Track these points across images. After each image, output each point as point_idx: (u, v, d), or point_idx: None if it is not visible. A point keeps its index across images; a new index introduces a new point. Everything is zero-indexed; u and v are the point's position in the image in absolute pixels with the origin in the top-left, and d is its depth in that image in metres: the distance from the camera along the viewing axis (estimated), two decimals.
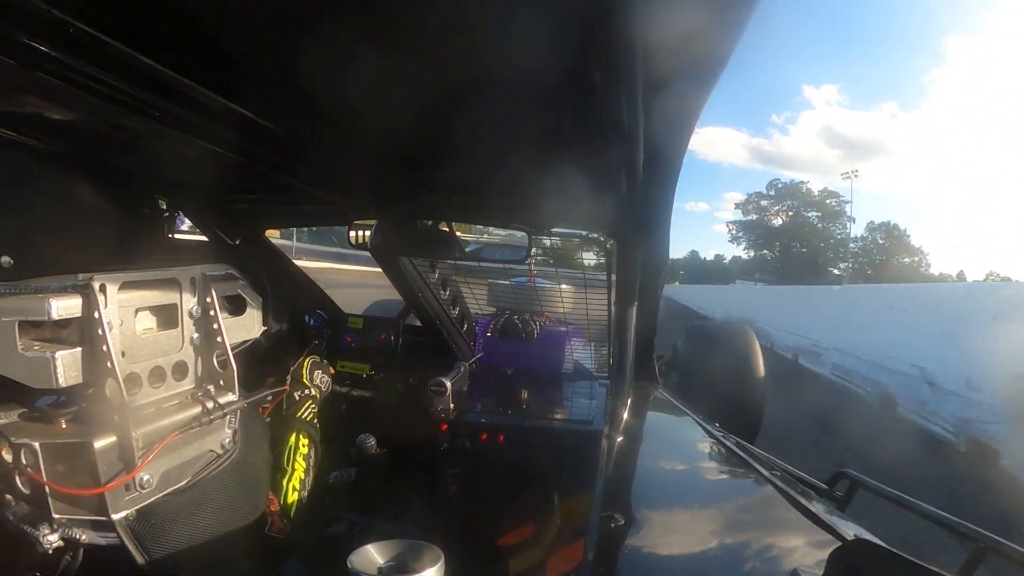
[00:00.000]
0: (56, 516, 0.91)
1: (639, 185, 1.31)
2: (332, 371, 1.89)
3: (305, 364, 1.77)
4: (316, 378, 1.78)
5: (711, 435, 1.51)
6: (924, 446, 5.74)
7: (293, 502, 1.53)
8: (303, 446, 1.59)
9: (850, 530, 0.96)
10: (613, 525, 0.96)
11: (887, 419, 6.96)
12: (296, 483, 1.55)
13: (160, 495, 1.00)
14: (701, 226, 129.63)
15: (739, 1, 0.74)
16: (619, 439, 1.45)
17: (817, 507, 1.07)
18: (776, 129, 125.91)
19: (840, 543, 0.87)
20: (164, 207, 1.72)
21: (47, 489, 0.90)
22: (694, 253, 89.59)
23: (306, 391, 1.72)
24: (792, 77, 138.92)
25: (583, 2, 0.74)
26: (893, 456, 4.41)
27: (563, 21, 0.78)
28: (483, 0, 0.76)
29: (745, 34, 0.76)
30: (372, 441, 1.88)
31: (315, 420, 1.70)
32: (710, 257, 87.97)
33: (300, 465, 1.57)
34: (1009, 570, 0.98)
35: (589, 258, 2.28)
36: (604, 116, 1.03)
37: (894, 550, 0.75)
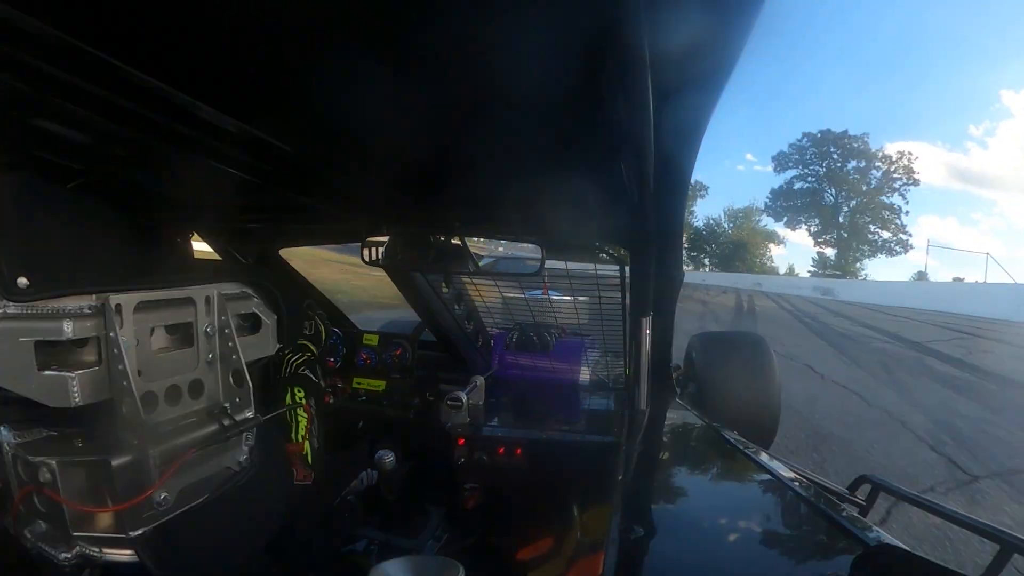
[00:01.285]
0: (74, 534, 0.92)
1: (651, 195, 1.31)
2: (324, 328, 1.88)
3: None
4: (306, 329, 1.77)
5: (729, 443, 1.50)
6: None
7: (308, 451, 1.54)
8: (300, 399, 1.59)
9: (873, 535, 0.95)
10: (633, 537, 0.95)
11: None
12: (303, 431, 1.56)
13: (177, 512, 1.00)
14: None
15: (742, 9, 0.74)
16: (637, 450, 1.44)
17: (839, 513, 1.05)
18: (974, 143, 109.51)
19: (863, 549, 0.86)
20: (179, 227, 1.75)
21: (65, 507, 0.90)
22: None
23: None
24: (985, 81, 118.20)
25: (591, 15, 0.74)
26: None
27: (571, 34, 0.78)
28: (491, 16, 0.76)
29: (751, 41, 0.76)
30: (391, 457, 1.88)
31: (306, 371, 1.68)
32: None
33: (302, 416, 1.57)
34: None
35: (603, 269, 2.27)
36: (614, 127, 1.03)
37: (918, 554, 0.74)
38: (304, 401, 1.60)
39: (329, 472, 1.68)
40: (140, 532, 0.94)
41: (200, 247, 2.05)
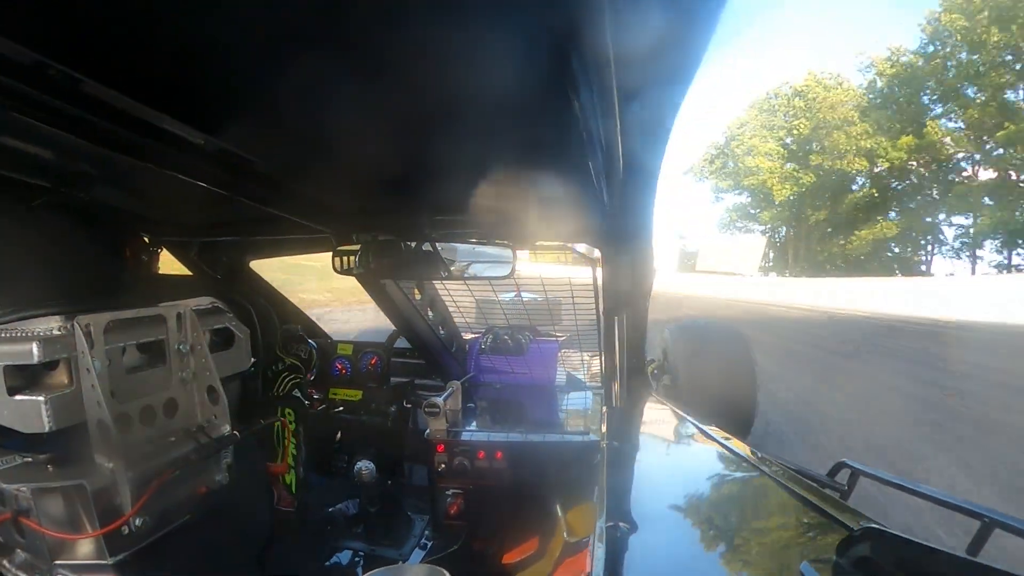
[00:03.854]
0: (54, 562, 0.90)
1: (620, 195, 1.33)
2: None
3: (278, 338, 1.76)
4: (292, 349, 1.77)
5: (708, 435, 1.52)
6: None
7: (292, 480, 1.53)
8: (290, 422, 1.59)
9: (856, 519, 0.97)
10: (618, 533, 0.95)
11: None
12: (290, 459, 1.55)
13: (158, 535, 0.98)
14: None
15: (704, 10, 0.75)
16: (617, 446, 1.45)
17: (820, 499, 1.07)
18: None
19: (847, 533, 0.88)
20: (147, 243, 1.72)
21: (43, 535, 0.88)
22: None
23: (280, 364, 1.71)
24: None
25: (554, 17, 0.75)
26: None
27: (535, 39, 0.79)
28: (454, 20, 0.76)
29: (713, 42, 0.78)
30: (370, 467, 1.87)
31: (297, 392, 1.68)
32: None
33: (290, 441, 1.57)
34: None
35: (575, 269, 2.28)
36: (581, 128, 1.04)
37: (902, 535, 0.76)
38: (293, 425, 1.59)
39: (312, 487, 1.67)
40: (120, 557, 0.92)
41: (169, 262, 2.02)
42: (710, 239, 51.62)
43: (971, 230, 37.20)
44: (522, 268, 1.93)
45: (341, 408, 2.07)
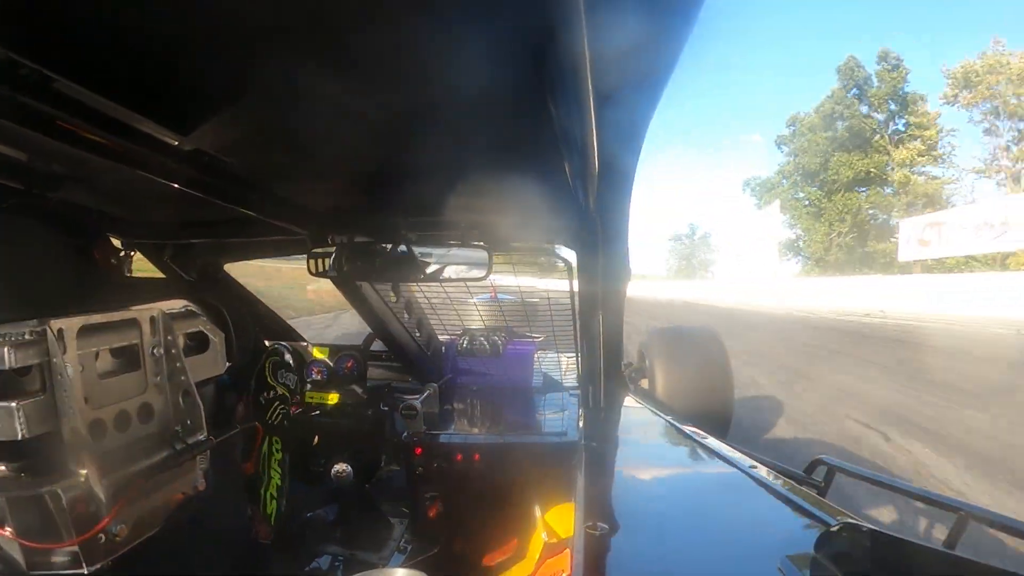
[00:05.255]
0: (30, 572, 0.88)
1: (595, 196, 1.34)
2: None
3: (267, 364, 1.75)
4: (280, 377, 1.76)
5: (685, 435, 1.53)
6: None
7: (272, 511, 1.51)
8: (276, 451, 1.58)
9: (834, 514, 0.99)
10: (598, 533, 0.96)
11: None
12: (274, 490, 1.54)
13: (135, 543, 0.97)
14: None
15: (678, 12, 0.77)
16: (595, 447, 1.46)
17: (798, 495, 1.09)
18: None
19: (826, 528, 0.89)
20: (120, 245, 1.69)
21: (17, 545, 0.86)
22: None
23: (271, 392, 1.70)
24: None
25: (530, 18, 0.75)
26: None
27: (510, 40, 0.79)
28: (430, 24, 0.77)
29: (688, 45, 0.79)
30: (348, 471, 1.86)
31: (284, 422, 1.68)
32: None
33: (275, 471, 1.55)
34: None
35: (551, 270, 2.29)
36: (557, 129, 1.05)
37: (880, 529, 0.77)
38: (279, 455, 1.58)
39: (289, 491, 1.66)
40: (98, 567, 0.91)
41: (142, 265, 1.99)
42: None
43: None
44: (499, 269, 1.94)
45: (318, 412, 2.06)
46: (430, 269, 2.12)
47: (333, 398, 2.13)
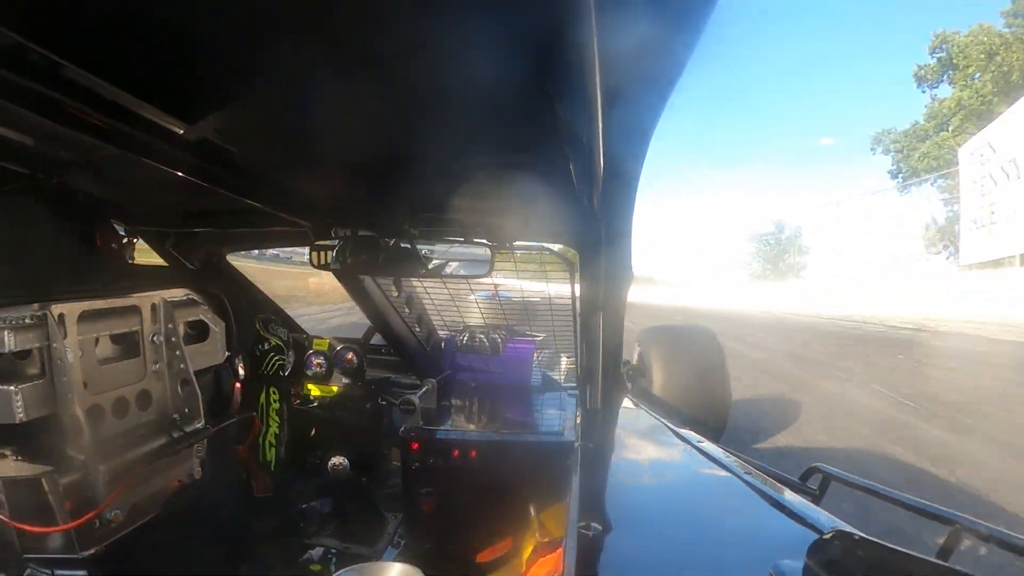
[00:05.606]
0: (24, 556, 0.88)
1: (600, 197, 1.33)
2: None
3: (258, 321, 1.77)
4: (272, 330, 1.79)
5: (682, 438, 1.53)
6: None
7: (272, 459, 1.54)
8: (274, 401, 1.60)
9: (827, 522, 0.99)
10: (591, 534, 0.96)
11: None
12: (272, 439, 1.56)
13: (130, 529, 0.97)
14: None
15: (692, 12, 0.76)
16: (591, 448, 1.46)
17: (792, 502, 1.09)
18: None
19: (818, 536, 0.89)
20: (123, 232, 1.69)
21: (13, 528, 0.87)
22: None
23: (266, 343, 1.72)
24: None
25: (539, 17, 0.75)
26: None
27: (519, 36, 0.79)
28: (438, 19, 0.77)
29: (700, 46, 0.78)
30: (344, 464, 1.86)
31: (281, 372, 1.70)
32: None
33: (274, 420, 1.58)
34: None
35: (553, 270, 2.29)
36: (563, 129, 1.05)
37: (873, 539, 0.77)
38: (277, 404, 1.60)
39: (285, 483, 1.66)
40: (92, 552, 0.91)
41: (145, 252, 1.99)
42: None
43: None
44: (500, 266, 1.94)
45: (316, 404, 2.06)
46: (432, 265, 2.12)
47: (332, 391, 2.14)
